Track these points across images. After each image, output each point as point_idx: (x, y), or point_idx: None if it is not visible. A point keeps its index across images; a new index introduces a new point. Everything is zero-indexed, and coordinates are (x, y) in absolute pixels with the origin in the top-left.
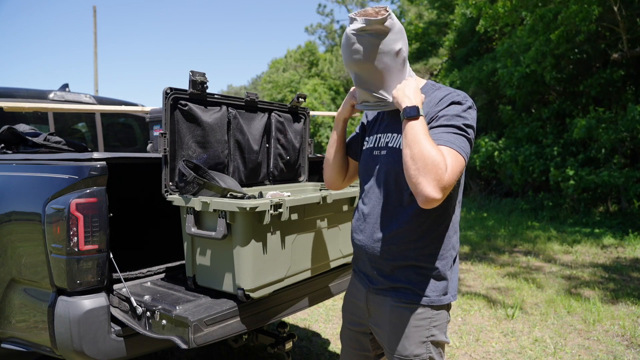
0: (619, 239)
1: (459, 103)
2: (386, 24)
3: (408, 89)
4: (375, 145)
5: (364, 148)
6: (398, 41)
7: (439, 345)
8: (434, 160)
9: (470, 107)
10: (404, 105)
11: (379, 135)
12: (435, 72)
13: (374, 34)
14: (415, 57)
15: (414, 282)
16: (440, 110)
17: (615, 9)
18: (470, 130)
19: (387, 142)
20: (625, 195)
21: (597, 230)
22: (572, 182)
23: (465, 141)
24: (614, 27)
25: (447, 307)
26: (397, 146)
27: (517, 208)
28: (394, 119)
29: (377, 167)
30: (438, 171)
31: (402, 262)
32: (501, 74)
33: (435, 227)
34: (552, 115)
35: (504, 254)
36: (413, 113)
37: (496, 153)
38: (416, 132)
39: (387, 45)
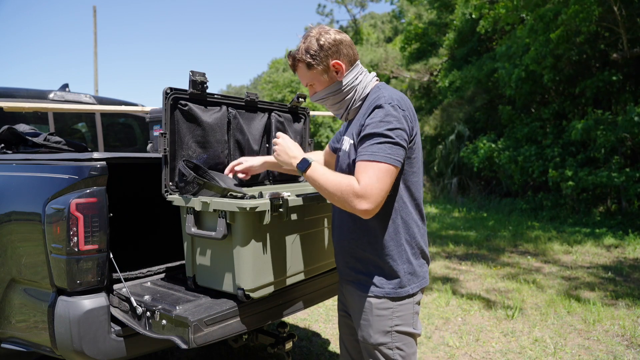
0: (619, 239)
1: (380, 107)
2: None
3: (288, 149)
4: (339, 147)
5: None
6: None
7: (407, 335)
8: (340, 189)
9: (393, 109)
10: (295, 165)
11: (342, 137)
12: (435, 72)
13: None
14: (415, 57)
15: (372, 275)
16: (367, 118)
17: (615, 9)
18: (396, 133)
19: (342, 145)
20: (625, 195)
21: (597, 231)
22: (571, 182)
23: (389, 146)
24: (614, 27)
25: (411, 298)
26: (346, 149)
27: (517, 208)
28: (349, 123)
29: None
30: (351, 191)
31: (360, 256)
32: (500, 74)
33: (382, 224)
34: (552, 116)
35: (504, 254)
36: (304, 167)
37: (495, 154)
38: (315, 179)
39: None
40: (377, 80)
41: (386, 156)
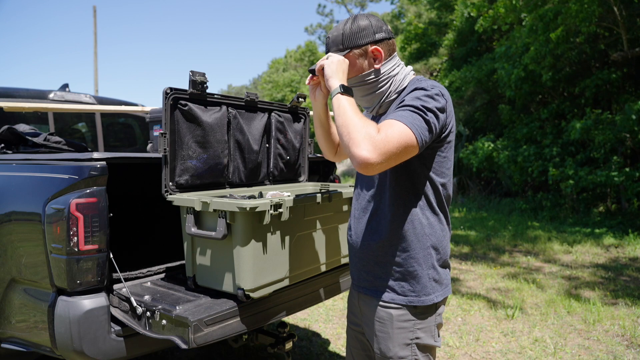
0: (619, 239)
1: (422, 89)
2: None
3: (345, 64)
4: None
5: None
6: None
7: (427, 348)
8: (361, 124)
9: (436, 95)
10: (337, 84)
11: None
12: (435, 72)
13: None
14: (415, 57)
15: (392, 280)
16: (405, 96)
17: (615, 9)
18: (430, 114)
19: None
20: (624, 195)
21: (597, 230)
22: (571, 181)
23: (420, 119)
24: (613, 27)
25: (435, 309)
26: None
27: (516, 208)
28: (379, 117)
29: None
30: (367, 132)
31: (381, 259)
32: (500, 75)
33: (408, 226)
34: (551, 116)
35: (504, 254)
36: (343, 91)
37: (494, 153)
38: (344, 104)
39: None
40: (414, 73)
41: (413, 124)
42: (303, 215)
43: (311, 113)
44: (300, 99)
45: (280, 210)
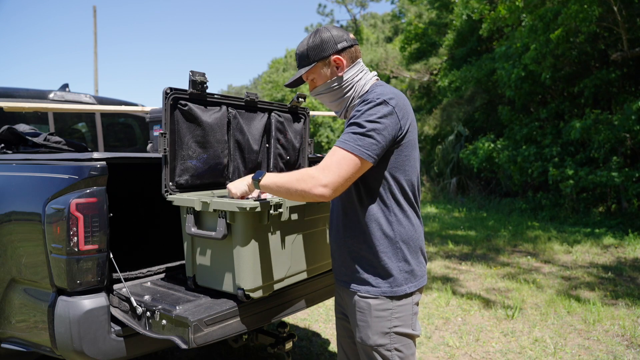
0: (619, 239)
1: (367, 101)
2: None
3: (237, 182)
4: None
5: None
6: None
7: (406, 336)
8: (295, 177)
9: (379, 104)
10: (251, 181)
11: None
12: (435, 72)
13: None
14: (415, 57)
15: (367, 274)
16: (356, 108)
17: (615, 9)
18: (373, 126)
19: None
20: (624, 195)
21: (597, 230)
22: (570, 182)
23: (362, 138)
24: (613, 27)
25: (409, 297)
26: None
27: (516, 208)
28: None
29: None
30: (307, 175)
31: (355, 255)
32: (500, 75)
33: (377, 222)
34: (551, 116)
35: (504, 254)
36: (260, 175)
37: (494, 154)
38: (273, 182)
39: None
40: (377, 79)
41: (355, 147)
42: (303, 215)
43: (311, 113)
44: (300, 99)
45: (280, 210)
